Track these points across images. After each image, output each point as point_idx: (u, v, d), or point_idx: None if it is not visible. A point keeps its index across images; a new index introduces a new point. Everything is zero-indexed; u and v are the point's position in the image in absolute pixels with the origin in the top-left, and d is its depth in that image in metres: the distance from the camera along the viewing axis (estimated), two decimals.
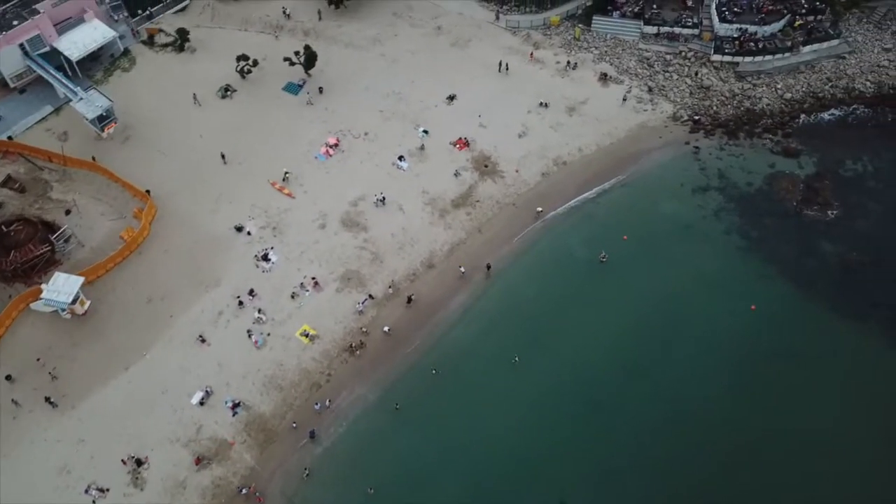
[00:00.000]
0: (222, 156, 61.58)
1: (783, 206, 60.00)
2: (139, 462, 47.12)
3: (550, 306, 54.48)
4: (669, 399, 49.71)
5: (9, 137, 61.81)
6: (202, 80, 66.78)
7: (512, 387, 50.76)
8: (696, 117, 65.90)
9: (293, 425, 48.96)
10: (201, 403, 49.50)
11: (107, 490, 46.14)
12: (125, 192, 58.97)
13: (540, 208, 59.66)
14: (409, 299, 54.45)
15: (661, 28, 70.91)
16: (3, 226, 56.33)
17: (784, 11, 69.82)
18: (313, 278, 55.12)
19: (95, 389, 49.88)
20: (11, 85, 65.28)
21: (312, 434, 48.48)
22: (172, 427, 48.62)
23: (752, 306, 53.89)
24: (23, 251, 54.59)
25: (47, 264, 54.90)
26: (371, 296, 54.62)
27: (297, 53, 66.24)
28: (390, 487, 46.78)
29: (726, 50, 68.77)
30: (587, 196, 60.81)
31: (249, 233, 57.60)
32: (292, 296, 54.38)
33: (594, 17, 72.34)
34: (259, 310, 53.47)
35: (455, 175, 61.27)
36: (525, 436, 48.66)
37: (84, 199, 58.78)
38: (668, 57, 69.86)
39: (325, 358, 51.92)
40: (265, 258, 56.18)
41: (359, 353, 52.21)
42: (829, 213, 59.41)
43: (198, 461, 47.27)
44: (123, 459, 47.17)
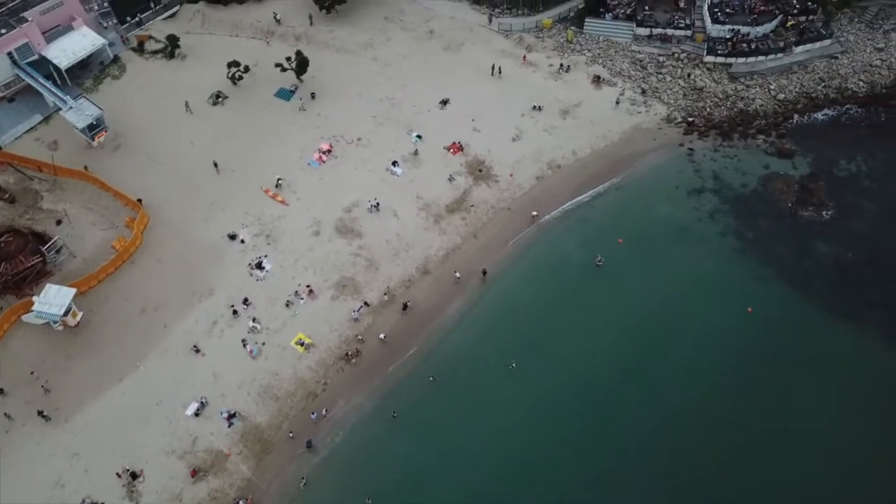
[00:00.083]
0: (215, 164, 61.09)
1: (778, 207, 59.99)
2: (134, 475, 46.66)
3: (547, 311, 54.31)
4: (667, 402, 49.62)
5: None
6: (193, 87, 66.25)
7: (510, 393, 50.56)
8: (690, 119, 65.82)
9: (289, 435, 48.60)
10: (196, 414, 49.08)
11: None
12: (116, 202, 58.44)
13: (535, 212, 59.49)
14: (405, 306, 54.17)
15: (654, 30, 70.78)
16: None
17: (776, 12, 69.81)
18: (308, 286, 54.75)
19: (89, 402, 49.38)
20: (0, 94, 64.65)
21: (309, 444, 48.16)
22: (167, 439, 48.17)
23: (749, 308, 53.83)
24: (13, 263, 53.87)
25: (38, 276, 54.27)
26: (366, 303, 54.34)
27: (289, 59, 65.82)
28: (388, 496, 46.52)
29: (719, 51, 68.70)
30: (582, 199, 60.66)
31: (243, 241, 57.18)
32: (287, 304, 54.02)
33: (586, 20, 72.14)
34: (253, 319, 53.10)
35: (449, 180, 61.02)
36: (523, 442, 48.42)
37: (75, 209, 58.21)
38: (661, 59, 69.77)
39: (321, 366, 51.59)
40: (259, 266, 55.78)
41: (355, 362, 51.91)
42: (824, 214, 59.44)
43: (194, 473, 46.87)
44: (118, 473, 46.69)
